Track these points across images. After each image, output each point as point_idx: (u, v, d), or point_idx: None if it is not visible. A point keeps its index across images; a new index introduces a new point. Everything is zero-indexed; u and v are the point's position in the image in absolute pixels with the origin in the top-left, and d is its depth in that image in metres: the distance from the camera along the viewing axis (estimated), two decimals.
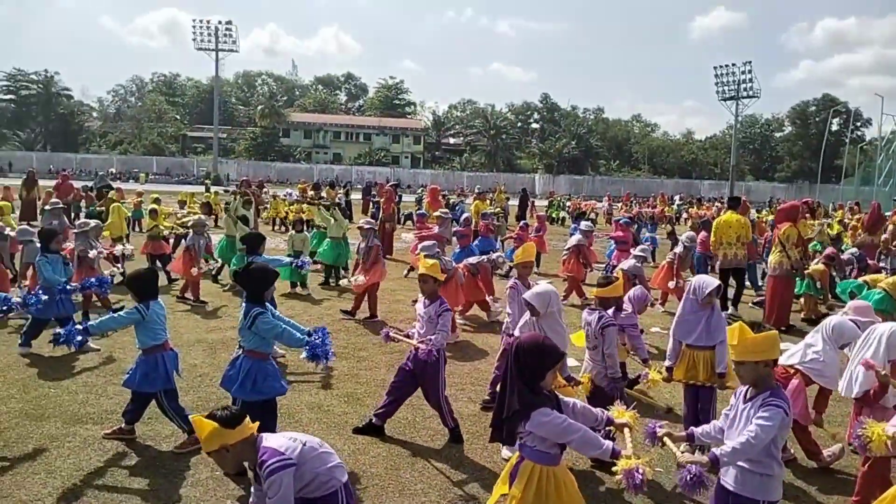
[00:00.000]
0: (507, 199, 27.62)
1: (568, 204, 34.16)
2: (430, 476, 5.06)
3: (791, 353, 5.39)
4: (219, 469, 4.84)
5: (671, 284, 11.19)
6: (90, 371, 6.97)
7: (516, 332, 5.34)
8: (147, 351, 5.25)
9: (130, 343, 7.99)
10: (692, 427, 3.75)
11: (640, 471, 3.11)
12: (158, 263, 11.79)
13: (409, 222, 24.50)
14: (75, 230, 9.42)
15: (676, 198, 41.92)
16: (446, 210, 14.90)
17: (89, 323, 5.25)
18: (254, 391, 4.87)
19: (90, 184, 23.95)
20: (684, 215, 31.08)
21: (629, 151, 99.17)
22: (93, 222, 9.82)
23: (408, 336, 5.73)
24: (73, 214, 18.34)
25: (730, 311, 11.73)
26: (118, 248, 11.13)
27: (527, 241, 14.35)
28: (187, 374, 6.51)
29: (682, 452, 3.36)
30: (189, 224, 10.94)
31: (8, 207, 12.70)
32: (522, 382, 3.23)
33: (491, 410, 6.38)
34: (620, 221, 14.65)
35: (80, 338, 5.08)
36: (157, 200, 15.53)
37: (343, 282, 12.32)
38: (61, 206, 11.98)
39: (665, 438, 3.51)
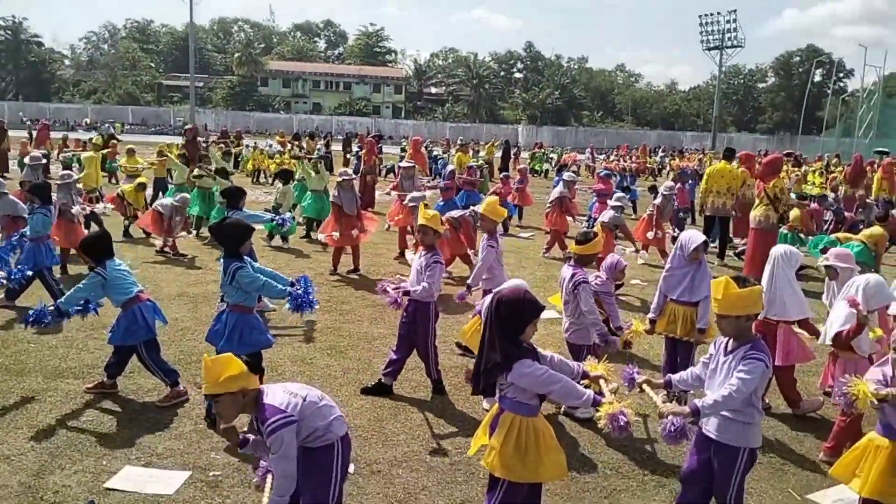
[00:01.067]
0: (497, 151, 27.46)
1: (552, 157, 33.93)
2: (413, 427, 5.13)
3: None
4: (201, 423, 4.92)
5: (650, 235, 11.29)
6: (70, 326, 6.91)
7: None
8: (124, 306, 5.22)
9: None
10: (669, 374, 3.82)
11: (625, 413, 3.17)
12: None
13: (390, 175, 24.28)
14: (57, 182, 9.23)
15: (659, 150, 41.86)
16: (410, 161, 14.53)
17: (59, 301, 5.17)
18: (241, 344, 4.86)
19: (92, 135, 23.47)
20: (667, 168, 31.09)
21: (612, 102, 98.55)
22: (74, 174, 9.67)
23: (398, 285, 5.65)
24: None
25: (716, 262, 11.95)
26: (99, 207, 10.97)
27: (508, 194, 14.37)
28: (169, 328, 6.48)
29: (663, 402, 3.43)
30: (176, 199, 10.74)
31: None
32: (503, 335, 3.24)
33: (464, 356, 6.51)
34: (601, 174, 14.65)
35: (49, 318, 5.02)
36: (130, 151, 15.25)
37: (320, 236, 12.24)
38: (42, 160, 11.72)
39: (644, 385, 3.60)
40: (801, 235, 11.26)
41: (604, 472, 4.59)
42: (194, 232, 12.08)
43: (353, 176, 10.37)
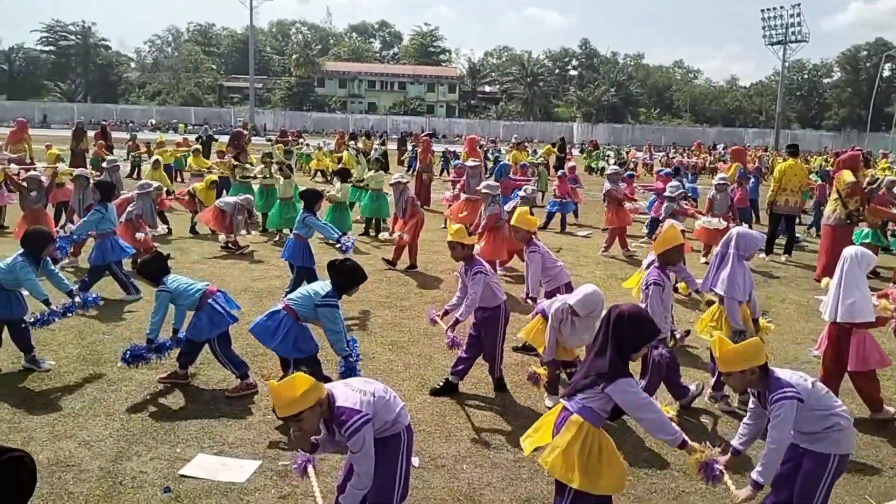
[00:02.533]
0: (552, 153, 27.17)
1: (609, 154, 33.38)
2: (475, 423, 5.14)
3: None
4: (270, 413, 5.03)
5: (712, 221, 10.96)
6: (143, 318, 7.17)
7: (549, 311, 5.23)
8: (199, 305, 5.39)
9: None
10: (733, 444, 3.68)
11: (718, 462, 3.23)
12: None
13: (444, 172, 24.36)
14: (137, 191, 9.56)
15: (720, 146, 40.83)
16: (476, 159, 14.54)
17: (148, 335, 5.42)
18: (296, 349, 5.07)
19: (193, 136, 24.37)
20: (728, 164, 30.25)
21: (670, 99, 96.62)
22: (155, 184, 10.01)
23: (449, 322, 5.60)
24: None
25: (783, 258, 11.66)
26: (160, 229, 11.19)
27: (566, 193, 14.23)
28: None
29: (736, 489, 3.38)
30: (241, 199, 11.03)
31: (52, 156, 12.97)
32: (617, 349, 3.23)
33: (524, 354, 6.48)
34: (662, 172, 14.39)
35: (149, 354, 5.40)
36: (196, 151, 15.70)
37: (383, 235, 12.39)
38: (118, 163, 12.21)
39: (725, 478, 3.45)
40: (886, 235, 10.86)
41: (671, 473, 4.51)
42: (255, 232, 12.32)
43: (406, 179, 10.47)
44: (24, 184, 9.39)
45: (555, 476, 3.38)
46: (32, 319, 5.76)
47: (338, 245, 7.92)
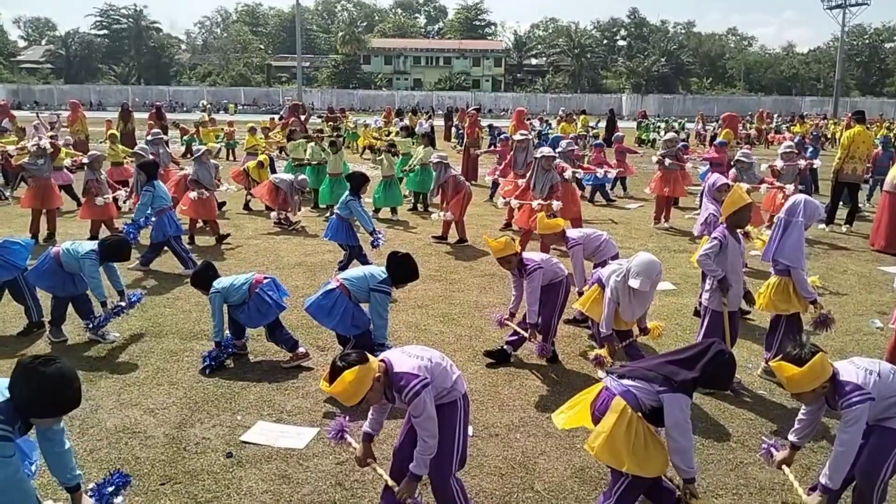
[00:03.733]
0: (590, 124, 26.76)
1: (661, 126, 32.63)
2: (528, 393, 5.15)
3: None
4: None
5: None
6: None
7: (604, 279, 5.21)
8: (249, 295, 5.47)
9: (235, 266, 8.39)
10: (790, 438, 3.61)
11: None
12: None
13: (492, 146, 24.20)
14: (194, 157, 9.89)
15: (775, 116, 39.52)
16: (525, 132, 14.33)
17: (214, 339, 5.50)
18: (353, 326, 5.19)
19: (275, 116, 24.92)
20: (784, 134, 29.32)
21: (723, 67, 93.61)
22: (204, 147, 10.27)
23: (524, 328, 5.64)
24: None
25: (844, 229, 11.30)
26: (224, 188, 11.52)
27: (601, 163, 13.93)
28: (291, 295, 6.75)
29: (806, 494, 3.36)
30: (297, 182, 11.17)
31: (116, 137, 13.33)
32: (697, 376, 3.23)
33: (575, 326, 6.47)
34: (717, 142, 13.98)
35: (223, 355, 5.50)
36: (252, 129, 15.92)
37: (433, 216, 12.40)
38: (162, 136, 12.47)
39: (784, 468, 3.55)
40: None
41: (729, 444, 4.44)
42: (306, 208, 12.43)
43: (444, 156, 10.41)
44: (86, 161, 9.69)
45: (603, 462, 3.39)
46: (90, 326, 5.93)
47: (371, 239, 7.92)
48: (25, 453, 3.16)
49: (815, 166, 12.25)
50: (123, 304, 6.07)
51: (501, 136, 16.54)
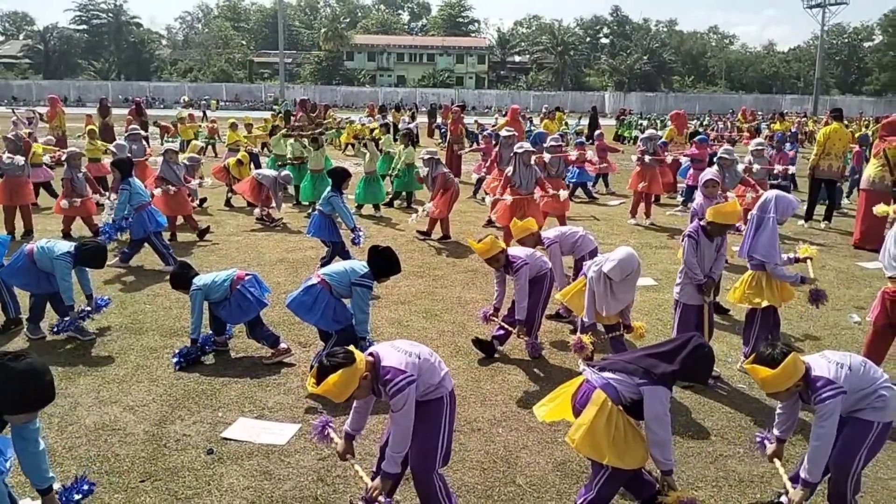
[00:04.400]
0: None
1: (642, 123, 32.81)
2: (510, 388, 5.17)
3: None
4: (306, 378, 5.10)
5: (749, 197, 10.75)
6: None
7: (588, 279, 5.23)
8: (231, 291, 5.45)
9: (216, 262, 8.34)
10: (774, 433, 3.69)
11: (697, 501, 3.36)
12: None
13: (475, 143, 24.22)
14: (161, 155, 9.79)
15: (758, 114, 39.90)
16: (511, 129, 14.30)
17: (191, 336, 5.46)
18: (335, 321, 5.16)
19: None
20: (765, 132, 29.62)
21: (705, 66, 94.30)
22: (168, 146, 10.17)
23: (510, 324, 5.70)
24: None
25: (822, 225, 11.44)
26: (203, 182, 11.47)
27: (583, 162, 13.99)
28: (273, 291, 6.72)
29: (792, 487, 3.40)
30: (281, 177, 11.08)
31: (95, 132, 13.18)
32: (677, 369, 3.27)
33: (557, 321, 6.50)
34: (697, 139, 14.08)
35: (194, 353, 5.45)
36: (233, 125, 15.78)
37: (413, 216, 12.38)
38: (140, 132, 12.35)
39: (775, 461, 3.65)
40: None
41: (709, 438, 4.49)
42: (287, 205, 12.38)
43: (434, 152, 10.38)
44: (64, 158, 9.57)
45: (583, 454, 3.42)
46: (55, 329, 5.85)
47: (351, 236, 7.89)
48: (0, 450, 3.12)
49: (790, 172, 12.41)
50: (90, 308, 5.98)
51: (485, 133, 16.57)
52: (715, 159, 10.15)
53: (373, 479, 3.27)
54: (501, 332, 5.75)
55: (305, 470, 3.99)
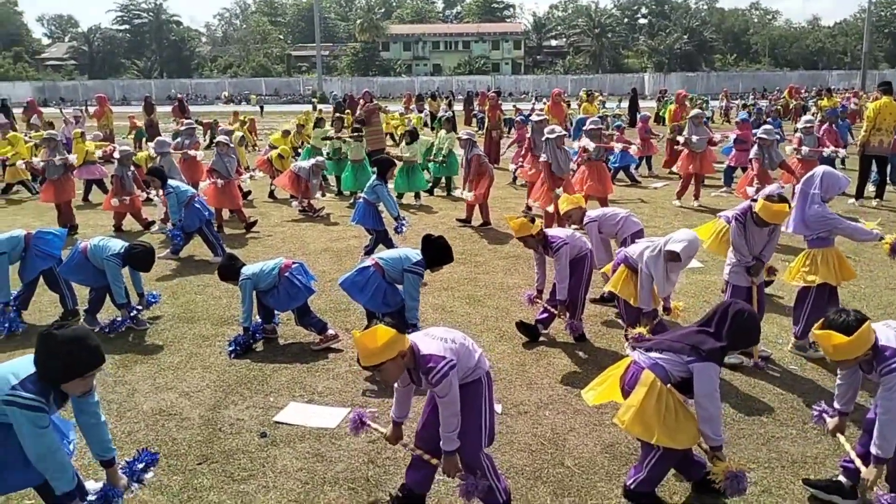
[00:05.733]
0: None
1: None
2: (556, 371, 5.17)
3: None
4: (355, 365, 5.19)
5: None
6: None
7: (635, 258, 5.18)
8: (279, 280, 5.55)
9: (262, 253, 8.49)
10: (836, 406, 3.59)
11: (746, 476, 3.27)
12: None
13: (511, 129, 24.09)
14: (215, 149, 10.01)
15: (803, 90, 38.80)
16: (542, 114, 14.06)
17: (243, 324, 5.59)
18: (384, 304, 5.24)
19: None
20: (812, 109, 28.80)
21: (747, 43, 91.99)
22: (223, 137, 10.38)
23: (553, 305, 5.68)
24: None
25: (874, 203, 11.14)
26: (252, 175, 11.73)
27: (625, 143, 13.82)
28: (318, 280, 6.84)
29: (868, 468, 3.29)
30: (314, 164, 11.20)
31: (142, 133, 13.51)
32: (724, 344, 3.27)
33: (602, 304, 6.46)
34: (740, 118, 13.79)
35: (249, 340, 5.58)
36: (285, 133, 15.54)
37: (456, 192, 12.45)
38: (194, 126, 12.62)
39: (839, 436, 3.55)
40: None
41: (760, 419, 4.43)
42: (328, 195, 12.58)
43: (472, 133, 10.42)
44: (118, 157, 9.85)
45: (634, 435, 3.42)
46: (106, 329, 5.98)
47: (395, 224, 7.95)
48: (63, 433, 3.25)
49: (839, 155, 12.04)
50: (140, 307, 6.18)
51: (518, 119, 16.48)
52: (756, 139, 9.95)
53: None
54: (545, 315, 5.75)
55: (356, 452, 4.07)
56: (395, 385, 3.37)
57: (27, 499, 3.60)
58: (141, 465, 3.23)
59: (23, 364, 2.83)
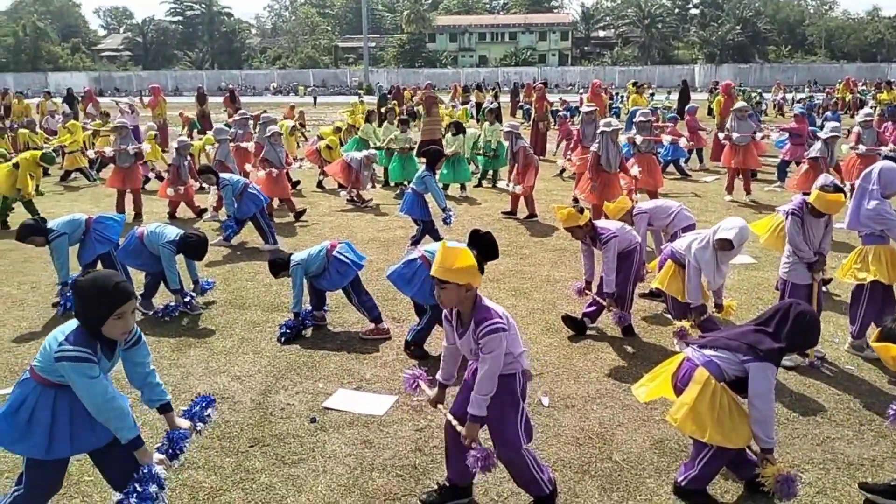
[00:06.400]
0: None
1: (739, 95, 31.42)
2: (603, 365, 5.13)
3: None
4: (402, 353, 5.24)
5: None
6: None
7: (682, 251, 5.11)
8: (329, 261, 5.66)
9: (310, 241, 8.59)
10: None
11: (798, 479, 3.21)
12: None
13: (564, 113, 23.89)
14: (267, 137, 10.19)
15: (860, 84, 37.50)
16: (592, 105, 13.91)
17: (293, 309, 5.71)
18: (431, 296, 5.19)
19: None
20: (870, 104, 27.83)
21: (803, 34, 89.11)
22: (275, 128, 10.56)
23: (602, 298, 5.62)
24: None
25: None
26: (296, 164, 11.96)
27: (677, 137, 13.58)
28: (365, 269, 6.89)
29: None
30: (366, 155, 11.32)
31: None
32: (783, 346, 3.22)
33: (651, 300, 6.37)
34: (796, 112, 13.41)
35: (302, 324, 5.72)
36: (337, 129, 15.60)
37: (501, 184, 12.44)
38: (248, 116, 12.84)
39: None
40: None
41: (815, 419, 4.32)
42: (379, 185, 12.70)
43: (517, 125, 10.38)
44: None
45: (686, 433, 3.38)
46: (160, 314, 6.16)
47: (442, 215, 7.97)
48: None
49: None
50: (195, 293, 6.36)
51: (560, 114, 16.36)
52: (821, 135, 9.67)
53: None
54: (592, 308, 5.70)
55: (404, 440, 4.11)
56: (443, 343, 3.39)
57: (87, 475, 3.73)
58: (196, 408, 3.30)
59: (70, 324, 2.91)
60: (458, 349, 3.32)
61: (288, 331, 5.60)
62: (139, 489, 2.90)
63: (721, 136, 11.87)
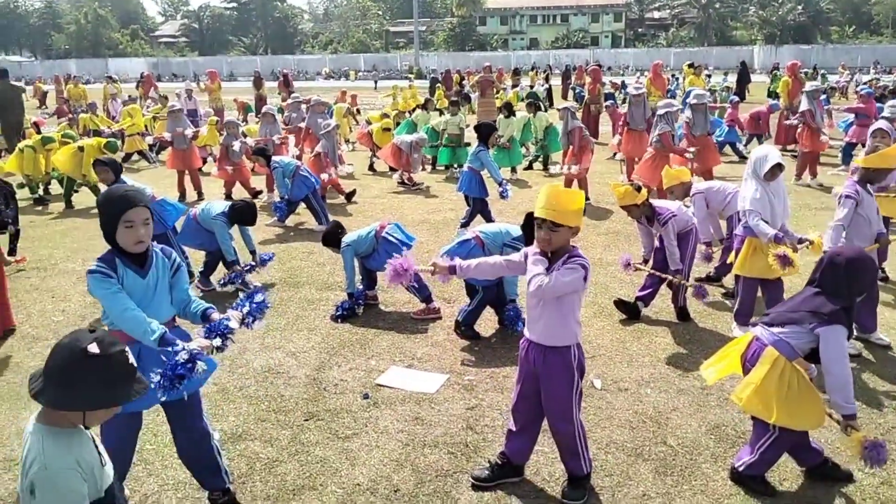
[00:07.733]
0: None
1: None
2: (657, 350, 5.05)
3: None
4: (453, 334, 5.26)
5: None
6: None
7: (746, 206, 4.93)
8: (378, 243, 5.74)
9: (362, 223, 8.68)
10: None
11: (884, 445, 3.03)
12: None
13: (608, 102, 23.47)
14: (322, 132, 10.23)
15: None
16: (640, 86, 13.59)
17: (347, 291, 5.78)
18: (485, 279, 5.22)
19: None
20: None
21: (868, 13, 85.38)
22: (334, 122, 10.64)
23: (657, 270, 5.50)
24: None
25: None
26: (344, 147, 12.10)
27: (735, 120, 13.23)
28: (415, 250, 6.92)
29: None
30: (416, 139, 11.35)
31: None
32: (847, 305, 3.11)
33: (708, 284, 6.19)
34: (863, 92, 12.88)
35: (357, 305, 5.76)
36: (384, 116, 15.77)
37: (553, 168, 12.32)
38: (300, 99, 13.01)
39: None
40: None
41: (879, 409, 4.18)
42: (429, 167, 12.74)
43: (572, 105, 10.23)
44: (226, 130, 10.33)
45: (751, 413, 3.30)
46: (222, 282, 6.39)
47: (499, 189, 7.92)
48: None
49: None
50: (254, 263, 6.48)
51: (607, 105, 16.08)
52: (885, 112, 9.29)
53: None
54: (645, 292, 5.61)
55: (455, 418, 4.13)
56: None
57: (148, 444, 3.86)
58: (251, 300, 3.21)
59: None
60: (520, 274, 3.27)
61: (343, 311, 5.68)
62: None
63: (794, 119, 11.45)
